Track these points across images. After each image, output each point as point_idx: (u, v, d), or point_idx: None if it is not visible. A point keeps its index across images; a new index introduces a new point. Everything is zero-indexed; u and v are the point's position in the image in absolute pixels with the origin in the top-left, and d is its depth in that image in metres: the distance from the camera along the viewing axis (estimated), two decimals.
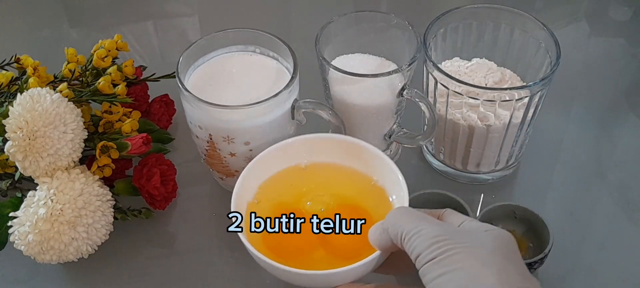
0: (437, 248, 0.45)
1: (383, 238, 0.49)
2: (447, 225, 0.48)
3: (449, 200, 0.65)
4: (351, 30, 0.70)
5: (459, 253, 0.44)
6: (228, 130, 0.63)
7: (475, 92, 0.63)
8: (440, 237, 0.45)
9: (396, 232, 0.48)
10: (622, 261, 0.66)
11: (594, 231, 0.68)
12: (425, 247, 0.45)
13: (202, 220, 0.70)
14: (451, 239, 0.45)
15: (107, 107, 0.69)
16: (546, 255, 0.60)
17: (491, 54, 0.72)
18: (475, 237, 0.46)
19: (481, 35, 0.71)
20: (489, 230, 0.47)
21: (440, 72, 0.64)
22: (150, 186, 0.65)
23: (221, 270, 0.66)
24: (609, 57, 0.87)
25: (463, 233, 0.47)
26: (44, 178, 0.61)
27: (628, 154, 0.76)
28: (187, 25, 0.95)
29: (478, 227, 0.48)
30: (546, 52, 0.67)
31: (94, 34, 0.86)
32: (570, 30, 0.91)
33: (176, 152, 0.76)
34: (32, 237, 0.60)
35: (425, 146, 0.74)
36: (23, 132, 0.59)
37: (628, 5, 0.94)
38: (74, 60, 0.71)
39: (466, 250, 0.44)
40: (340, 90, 0.67)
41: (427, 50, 0.65)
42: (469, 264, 0.44)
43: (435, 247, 0.45)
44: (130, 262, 0.67)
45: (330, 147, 0.63)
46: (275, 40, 0.67)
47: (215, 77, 0.67)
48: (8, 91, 0.68)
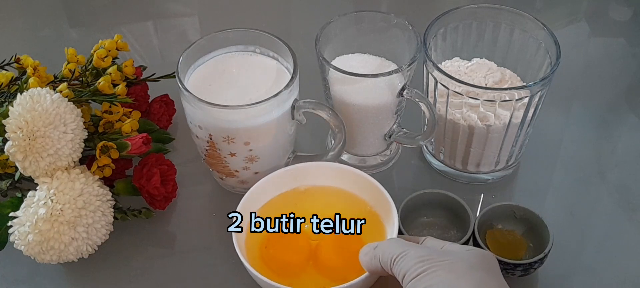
0: (421, 266, 0.49)
1: (373, 263, 0.54)
2: (430, 248, 0.52)
3: (449, 200, 0.65)
4: (351, 30, 0.70)
5: (441, 269, 0.49)
6: (228, 130, 0.63)
7: (475, 92, 0.63)
8: (424, 257, 0.50)
9: (386, 258, 0.52)
10: (622, 261, 0.66)
11: (594, 231, 0.68)
12: (410, 265, 0.50)
13: (202, 220, 0.70)
14: (434, 258, 0.50)
15: (107, 107, 0.69)
16: (546, 255, 0.61)
17: (491, 54, 0.72)
18: (456, 255, 0.51)
19: (481, 35, 0.71)
20: (470, 249, 0.52)
21: (440, 72, 0.64)
22: (150, 186, 0.65)
23: (221, 270, 0.66)
24: (609, 57, 0.87)
25: (445, 253, 0.51)
26: (44, 179, 0.61)
27: (628, 154, 0.76)
28: (187, 25, 0.95)
29: (460, 248, 0.52)
30: (546, 52, 0.67)
31: (94, 34, 0.86)
32: (570, 30, 0.91)
33: (176, 152, 0.76)
34: (32, 237, 0.60)
35: (425, 146, 0.74)
36: (23, 132, 0.59)
37: (628, 5, 0.94)
38: (74, 60, 0.71)
39: (448, 266, 0.49)
40: (340, 90, 0.67)
41: (427, 50, 0.65)
42: (449, 277, 0.48)
43: (419, 266, 0.50)
44: (130, 262, 0.67)
45: (328, 172, 0.65)
46: (275, 40, 0.67)
47: (215, 77, 0.67)
48: (8, 91, 0.68)
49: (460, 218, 0.65)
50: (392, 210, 0.60)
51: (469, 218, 0.63)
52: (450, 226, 0.66)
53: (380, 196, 0.62)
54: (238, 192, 0.70)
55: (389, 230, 0.61)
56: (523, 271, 0.61)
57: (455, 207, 0.65)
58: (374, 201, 0.63)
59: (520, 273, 0.61)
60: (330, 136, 0.75)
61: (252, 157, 0.65)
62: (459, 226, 0.65)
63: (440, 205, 0.66)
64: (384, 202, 0.61)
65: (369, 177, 0.63)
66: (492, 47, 0.71)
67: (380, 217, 0.63)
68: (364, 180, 0.63)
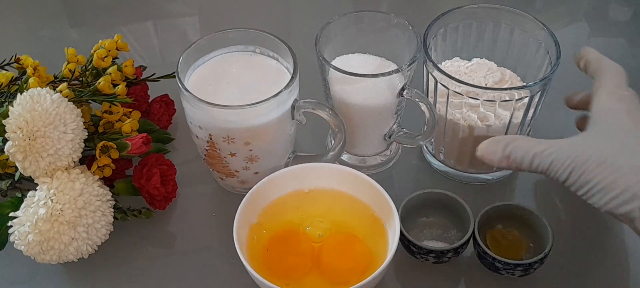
0: None
1: None
2: None
3: (449, 200, 0.65)
4: (351, 30, 0.70)
5: None
6: (228, 130, 0.63)
7: (475, 92, 0.63)
8: None
9: None
10: (622, 261, 0.66)
11: (594, 231, 0.68)
12: None
13: (202, 220, 0.70)
14: None
15: (107, 107, 0.69)
16: (546, 255, 0.61)
17: (491, 54, 0.72)
18: None
19: (481, 35, 0.71)
20: None
21: (440, 72, 0.64)
22: (150, 186, 0.65)
23: (221, 270, 0.66)
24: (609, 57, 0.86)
25: None
26: (44, 179, 0.61)
27: None
28: (187, 25, 0.95)
29: None
30: (546, 52, 0.67)
31: (94, 34, 0.86)
32: (570, 30, 0.91)
33: (176, 152, 0.76)
34: (32, 237, 0.60)
35: (425, 146, 0.74)
36: (23, 132, 0.59)
37: (628, 5, 0.94)
38: (74, 60, 0.71)
39: None
40: (340, 90, 0.67)
41: (427, 50, 0.65)
42: None
43: None
44: (130, 262, 0.67)
45: (333, 174, 0.65)
46: (275, 40, 0.67)
47: (215, 77, 0.67)
48: (8, 91, 0.68)
49: (460, 218, 0.65)
50: (393, 213, 0.60)
51: (469, 218, 0.63)
52: (450, 226, 0.66)
53: (381, 199, 0.62)
54: (238, 192, 0.70)
55: (390, 233, 0.61)
56: (523, 271, 0.61)
57: (455, 207, 0.65)
58: (376, 204, 0.63)
59: (520, 273, 0.61)
60: (330, 136, 0.75)
61: (252, 157, 0.65)
62: (459, 226, 0.65)
63: (440, 205, 0.66)
64: (385, 205, 0.61)
65: (371, 180, 0.63)
66: (492, 47, 0.71)
67: (382, 220, 0.63)
68: (365, 183, 0.63)
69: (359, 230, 0.63)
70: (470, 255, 0.65)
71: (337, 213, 0.64)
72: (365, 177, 0.63)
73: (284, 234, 0.63)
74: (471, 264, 0.64)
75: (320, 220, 0.64)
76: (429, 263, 0.64)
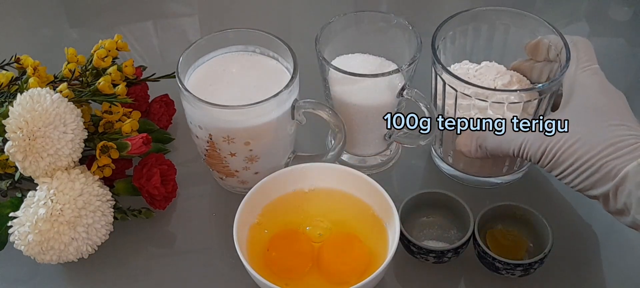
0: None
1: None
2: None
3: (449, 200, 0.65)
4: (351, 30, 0.70)
5: None
6: (228, 130, 0.63)
7: (484, 94, 0.63)
8: None
9: None
10: (622, 261, 0.66)
11: (594, 231, 0.68)
12: None
13: (202, 220, 0.70)
14: None
15: (107, 107, 0.69)
16: (546, 255, 0.60)
17: (501, 58, 0.71)
18: None
19: (490, 39, 0.71)
20: None
21: (448, 74, 0.63)
22: (150, 186, 0.65)
23: (221, 270, 0.66)
24: (609, 57, 0.87)
25: None
26: (44, 179, 0.61)
27: None
28: (187, 25, 0.95)
29: None
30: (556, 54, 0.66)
31: (94, 34, 0.86)
32: (570, 30, 0.91)
33: (176, 152, 0.76)
34: (32, 237, 0.60)
35: (434, 150, 0.74)
36: (23, 132, 0.59)
37: (628, 5, 0.94)
38: (74, 60, 0.71)
39: None
40: (340, 90, 0.67)
41: (435, 52, 0.65)
42: None
43: None
44: (130, 262, 0.67)
45: (333, 174, 0.65)
46: (275, 40, 0.67)
47: (215, 77, 0.67)
48: (8, 91, 0.68)
49: (460, 218, 0.65)
50: (393, 213, 0.60)
51: (469, 218, 0.63)
52: (450, 226, 0.66)
53: (381, 199, 0.62)
54: (238, 192, 0.70)
55: (390, 233, 0.61)
56: (523, 271, 0.61)
57: (455, 207, 0.65)
58: (376, 204, 0.63)
59: (520, 273, 0.61)
60: (330, 136, 0.75)
61: (252, 157, 0.65)
62: (459, 226, 0.65)
63: (440, 205, 0.66)
64: (385, 205, 0.61)
65: (371, 180, 0.63)
66: (502, 50, 0.71)
67: (382, 220, 0.63)
68: (365, 183, 0.63)
69: (359, 230, 0.63)
70: (470, 255, 0.65)
71: (337, 213, 0.64)
72: (366, 177, 0.63)
73: (284, 234, 0.63)
74: (471, 264, 0.64)
75: (320, 220, 0.64)
76: (429, 263, 0.64)
